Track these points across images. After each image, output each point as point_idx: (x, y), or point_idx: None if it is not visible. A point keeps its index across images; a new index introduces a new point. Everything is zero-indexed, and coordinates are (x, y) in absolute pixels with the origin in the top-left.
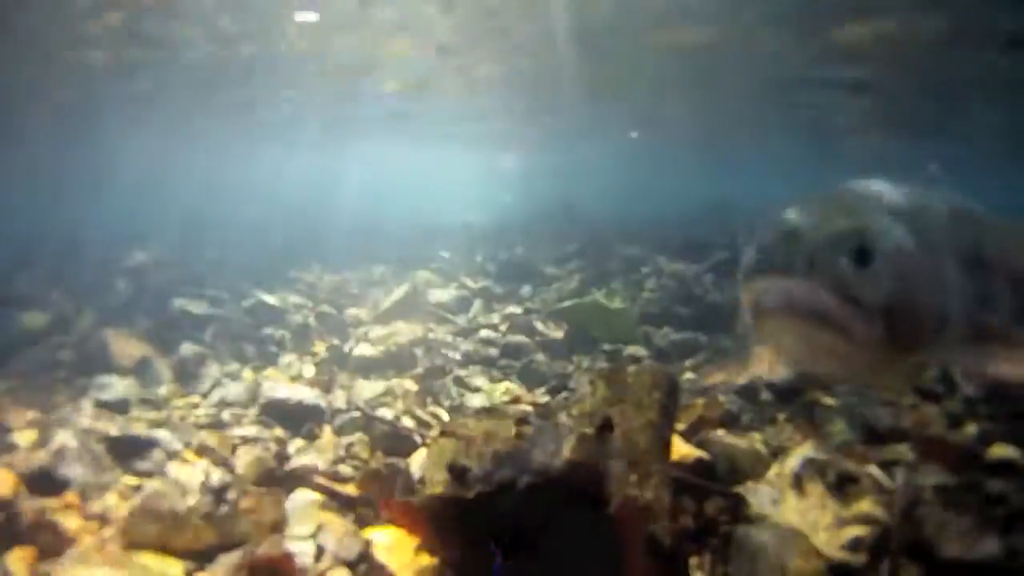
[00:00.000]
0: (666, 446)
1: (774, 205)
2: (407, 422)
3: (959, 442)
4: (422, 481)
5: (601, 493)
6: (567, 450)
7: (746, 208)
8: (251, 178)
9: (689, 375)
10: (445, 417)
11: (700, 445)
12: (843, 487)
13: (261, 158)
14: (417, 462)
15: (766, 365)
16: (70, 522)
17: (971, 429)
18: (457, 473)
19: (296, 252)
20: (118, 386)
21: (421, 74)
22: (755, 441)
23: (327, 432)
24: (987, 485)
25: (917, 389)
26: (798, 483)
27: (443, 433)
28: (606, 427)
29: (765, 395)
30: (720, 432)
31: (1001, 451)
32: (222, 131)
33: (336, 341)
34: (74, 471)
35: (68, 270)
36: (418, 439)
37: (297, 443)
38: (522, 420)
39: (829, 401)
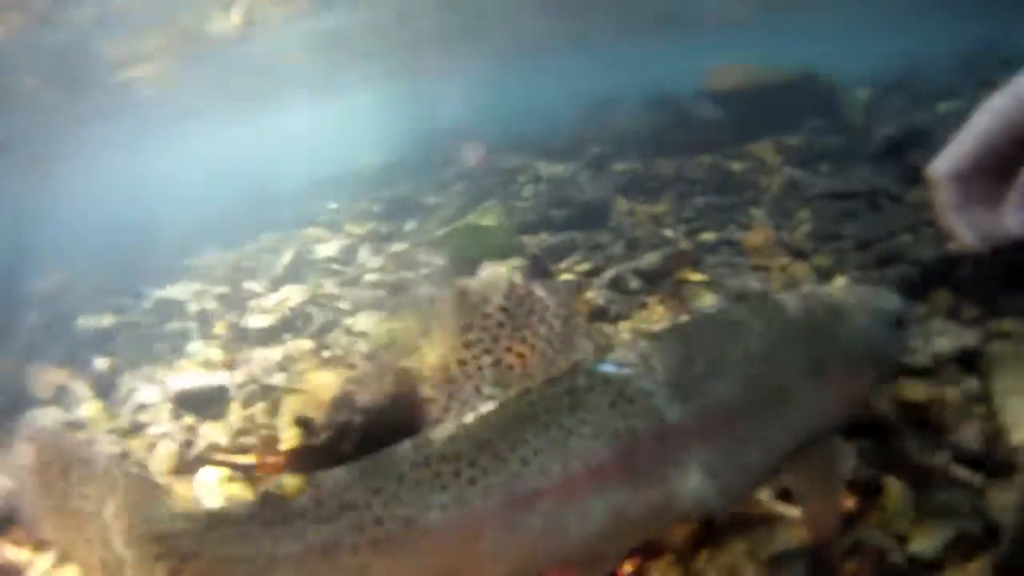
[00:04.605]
0: None
1: None
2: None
3: None
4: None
5: (420, 420)
6: (387, 387)
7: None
8: (124, 181)
9: (566, 276)
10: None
11: None
12: None
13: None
14: None
15: None
16: (20, 555)
17: (840, 283)
18: (303, 425)
19: (192, 239)
20: (43, 419)
21: None
22: (622, 331)
23: (236, 408)
24: None
25: (789, 248)
26: None
27: (289, 391)
28: None
29: (634, 283)
30: None
31: None
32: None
33: (235, 318)
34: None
35: None
36: None
37: (206, 426)
38: (350, 366)
39: (697, 277)
